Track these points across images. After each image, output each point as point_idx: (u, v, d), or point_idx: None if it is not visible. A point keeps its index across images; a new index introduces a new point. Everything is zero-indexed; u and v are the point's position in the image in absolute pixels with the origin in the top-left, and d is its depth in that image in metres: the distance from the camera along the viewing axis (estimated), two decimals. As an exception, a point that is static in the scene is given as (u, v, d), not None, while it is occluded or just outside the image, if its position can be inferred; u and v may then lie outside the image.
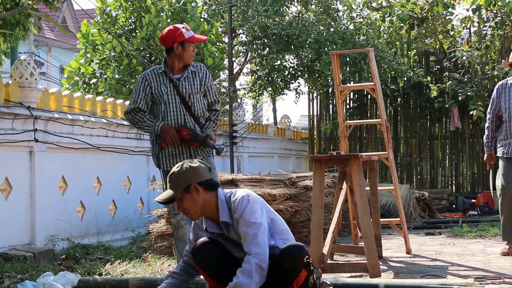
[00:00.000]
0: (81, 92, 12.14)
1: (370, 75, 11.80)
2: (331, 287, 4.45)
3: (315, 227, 6.10)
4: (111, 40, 12.51)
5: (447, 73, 14.19)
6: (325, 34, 13.67)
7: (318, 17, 14.54)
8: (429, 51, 15.10)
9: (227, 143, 12.01)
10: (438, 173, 14.97)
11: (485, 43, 13.71)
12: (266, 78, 14.67)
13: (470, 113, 13.22)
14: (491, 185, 8.12)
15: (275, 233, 4.28)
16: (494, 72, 12.97)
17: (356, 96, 15.29)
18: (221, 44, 14.91)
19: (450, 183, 15.05)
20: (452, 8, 14.25)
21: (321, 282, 4.34)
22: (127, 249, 7.94)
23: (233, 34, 14.97)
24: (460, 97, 13.22)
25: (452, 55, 13.81)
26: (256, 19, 13.68)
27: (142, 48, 12.26)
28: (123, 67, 12.37)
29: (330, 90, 15.01)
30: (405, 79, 14.47)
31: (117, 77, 12.49)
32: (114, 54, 12.50)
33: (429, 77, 14.44)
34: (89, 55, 13.02)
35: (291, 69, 14.75)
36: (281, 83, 14.83)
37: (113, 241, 8.29)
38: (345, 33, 13.85)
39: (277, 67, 14.16)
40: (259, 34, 14.06)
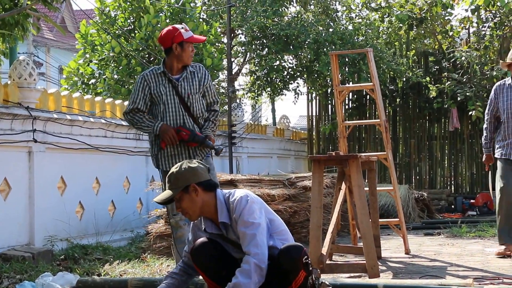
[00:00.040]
0: (80, 92, 12.15)
1: (369, 75, 11.78)
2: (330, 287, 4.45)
3: (314, 227, 6.10)
4: (110, 40, 12.50)
5: (446, 74, 14.20)
6: (324, 34, 13.68)
7: (317, 18, 14.54)
8: (428, 52, 15.10)
9: (226, 144, 12.00)
10: (437, 173, 14.98)
11: (484, 43, 13.71)
12: (265, 78, 14.67)
13: (469, 113, 13.22)
14: (490, 185, 8.12)
15: (274, 234, 4.27)
16: (493, 72, 12.97)
17: (355, 96, 15.29)
18: (220, 44, 14.91)
19: (449, 183, 15.05)
20: (451, 8, 14.27)
21: (320, 282, 4.34)
22: (126, 250, 7.94)
23: (232, 34, 14.96)
24: (459, 98, 13.23)
25: (451, 55, 13.81)
26: (255, 20, 13.68)
27: (141, 48, 12.25)
28: (122, 68, 12.36)
29: (329, 90, 15.00)
30: (404, 79, 14.47)
31: (116, 77, 12.48)
32: (113, 54, 12.50)
33: (428, 77, 14.45)
34: (88, 55, 13.01)
35: (290, 70, 14.75)
36: (280, 83, 14.82)
37: (112, 241, 8.29)
38: (344, 33, 13.85)
39: (276, 67, 14.15)
40: (258, 34, 14.06)
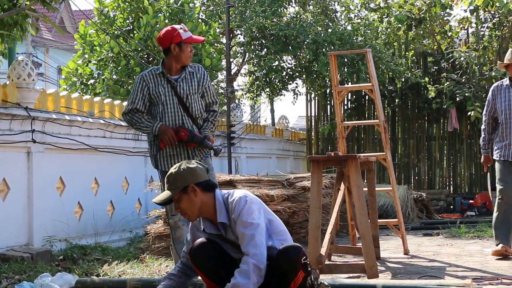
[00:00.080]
0: (79, 93, 12.15)
1: (368, 76, 11.78)
2: (329, 288, 4.45)
3: (313, 228, 6.10)
4: (108, 41, 12.50)
5: (445, 74, 14.21)
6: (323, 35, 13.68)
7: (316, 18, 14.55)
8: (427, 52, 15.11)
9: (225, 144, 12.00)
10: (436, 174, 14.98)
11: (483, 44, 13.72)
12: (264, 79, 14.67)
13: (468, 114, 13.23)
14: (489, 186, 8.11)
15: (272, 234, 4.27)
16: (492, 73, 12.98)
17: (354, 97, 15.29)
18: (219, 45, 14.91)
19: (448, 184, 15.05)
20: (450, 9, 14.29)
21: (319, 283, 4.34)
22: (125, 250, 7.93)
23: (231, 35, 14.96)
24: (458, 98, 13.24)
25: (450, 56, 13.82)
26: (254, 20, 13.69)
27: (139, 49, 12.25)
28: (120, 68, 12.36)
29: (328, 91, 15.00)
30: (403, 80, 14.48)
31: (115, 77, 12.48)
32: (112, 55, 12.50)
33: (427, 78, 14.45)
34: (86, 55, 13.01)
35: (289, 70, 14.75)
36: (279, 84, 14.82)
37: (111, 242, 8.28)
38: (343, 34, 13.85)
39: (275, 68, 14.15)
40: (257, 35, 14.06)
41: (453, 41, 14.85)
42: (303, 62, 14.35)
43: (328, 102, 15.43)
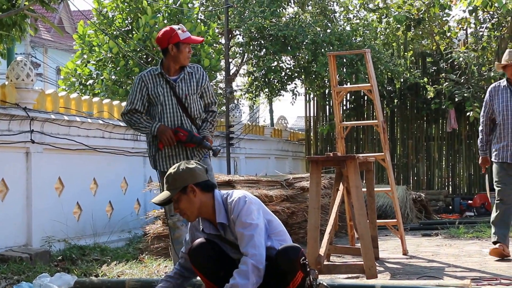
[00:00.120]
0: (78, 93, 12.15)
1: (366, 76, 11.80)
2: (328, 288, 4.45)
3: (312, 228, 6.10)
4: (107, 41, 12.50)
5: (443, 74, 14.21)
6: (321, 35, 13.68)
7: (314, 18, 14.55)
8: (426, 52, 15.11)
9: (224, 144, 12.00)
10: (434, 174, 14.98)
11: (482, 44, 13.73)
12: (262, 79, 14.67)
13: (466, 114, 13.24)
14: (487, 186, 8.11)
15: (271, 234, 4.27)
16: (490, 73, 12.99)
17: (352, 97, 15.28)
18: (217, 45, 14.91)
19: (446, 184, 15.06)
20: (448, 9, 14.29)
21: (318, 283, 4.34)
22: (124, 250, 7.93)
23: (230, 35, 14.96)
24: (456, 98, 13.24)
25: (448, 56, 13.82)
26: (252, 20, 13.69)
27: (138, 49, 12.25)
28: (119, 68, 12.36)
29: (326, 91, 15.00)
30: (402, 80, 14.48)
31: (114, 78, 12.48)
32: (110, 55, 12.49)
33: (425, 78, 14.45)
34: (85, 56, 13.01)
35: (288, 70, 14.75)
36: (277, 84, 14.82)
37: (110, 242, 8.28)
38: (341, 34, 13.86)
39: (273, 68, 14.16)
40: (256, 35, 14.06)
41: (452, 42, 14.86)
42: (302, 62, 14.35)
43: (327, 102, 15.43)
